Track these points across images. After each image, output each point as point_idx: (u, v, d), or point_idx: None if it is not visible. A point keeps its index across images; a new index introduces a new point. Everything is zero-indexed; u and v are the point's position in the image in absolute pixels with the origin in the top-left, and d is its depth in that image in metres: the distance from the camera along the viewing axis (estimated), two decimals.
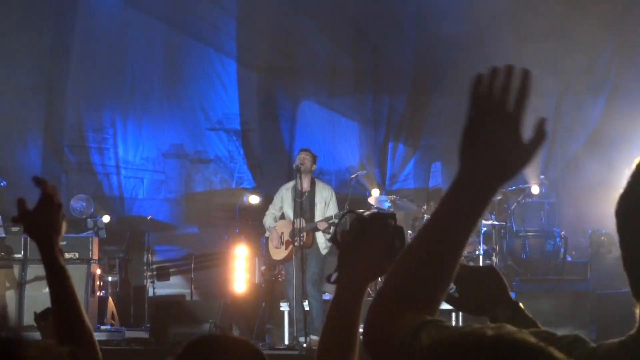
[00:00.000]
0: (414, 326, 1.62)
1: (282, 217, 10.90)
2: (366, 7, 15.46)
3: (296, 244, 10.40)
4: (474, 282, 2.42)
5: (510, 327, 1.32)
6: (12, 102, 14.91)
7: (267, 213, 11.10)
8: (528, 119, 1.72)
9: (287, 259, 10.66)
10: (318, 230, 10.54)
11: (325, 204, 10.55)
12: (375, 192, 12.77)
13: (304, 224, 10.46)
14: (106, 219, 13.66)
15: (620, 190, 1.56)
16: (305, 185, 10.65)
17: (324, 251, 10.58)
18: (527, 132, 1.70)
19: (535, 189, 13.07)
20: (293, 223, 10.44)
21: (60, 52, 15.41)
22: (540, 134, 1.68)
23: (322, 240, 10.58)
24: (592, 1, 14.76)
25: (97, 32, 15.53)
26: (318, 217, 10.55)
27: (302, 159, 10.63)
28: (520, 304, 2.41)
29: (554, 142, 15.12)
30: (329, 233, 10.50)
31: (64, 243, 11.37)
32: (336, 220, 10.46)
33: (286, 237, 10.69)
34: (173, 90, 16.19)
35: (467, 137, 1.68)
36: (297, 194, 10.53)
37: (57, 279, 2.87)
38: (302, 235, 10.41)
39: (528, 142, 1.67)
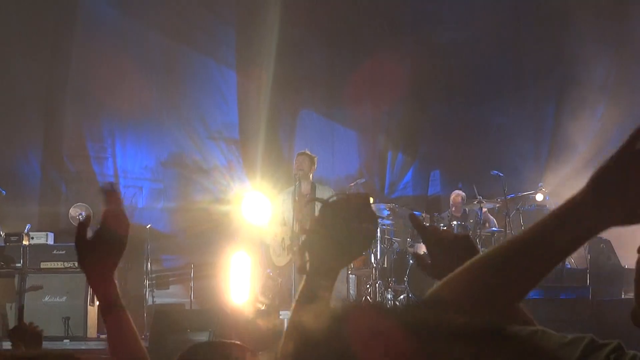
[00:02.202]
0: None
1: (282, 223, 10.88)
2: (364, 15, 15.50)
3: (295, 248, 10.39)
4: (446, 248, 2.37)
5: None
6: (11, 111, 14.93)
7: (267, 233, 11.09)
8: None
9: (291, 265, 10.67)
10: None
11: None
12: (370, 201, 12.72)
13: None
14: None
15: None
16: (305, 188, 10.64)
17: None
18: None
19: (539, 197, 13.13)
20: (293, 227, 10.42)
21: (59, 62, 15.43)
22: None
23: None
24: (589, 12, 14.82)
25: (96, 42, 15.53)
26: None
27: (298, 165, 10.63)
28: None
29: (553, 151, 15.15)
30: None
31: (63, 252, 11.44)
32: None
33: (287, 242, 10.67)
34: (172, 99, 16.20)
35: (608, 167, 1.60)
36: (299, 198, 10.51)
37: (116, 323, 2.32)
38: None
39: None
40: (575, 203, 1.58)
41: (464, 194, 13.05)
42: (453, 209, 12.87)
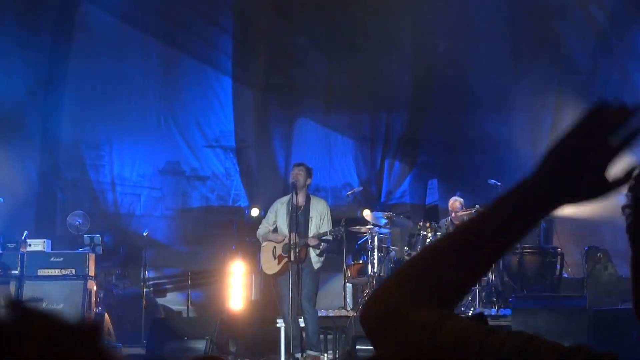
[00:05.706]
0: (435, 321, 1.56)
1: (275, 231, 10.84)
2: (362, 23, 15.51)
3: (292, 258, 10.35)
4: None
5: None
6: (8, 117, 14.92)
7: (260, 226, 11.06)
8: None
9: (280, 274, 10.61)
10: (309, 245, 10.48)
11: (321, 219, 10.54)
12: (366, 213, 12.62)
13: (297, 238, 10.41)
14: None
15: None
16: (301, 199, 10.63)
17: (316, 265, 10.56)
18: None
19: None
20: (289, 238, 10.39)
21: (57, 68, 15.42)
22: (625, 178, 1.62)
23: (314, 255, 10.54)
24: (586, 19, 14.86)
25: (94, 49, 15.55)
26: (313, 230, 10.52)
27: (295, 175, 10.64)
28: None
29: None
30: (319, 249, 10.49)
31: (60, 259, 11.44)
32: (330, 237, 10.50)
33: (279, 251, 10.63)
34: (169, 107, 16.21)
35: (561, 146, 1.63)
36: (293, 209, 10.51)
37: None
38: (297, 249, 10.36)
39: (611, 180, 1.57)
40: (528, 184, 1.60)
41: (462, 199, 13.04)
42: (452, 214, 12.85)
